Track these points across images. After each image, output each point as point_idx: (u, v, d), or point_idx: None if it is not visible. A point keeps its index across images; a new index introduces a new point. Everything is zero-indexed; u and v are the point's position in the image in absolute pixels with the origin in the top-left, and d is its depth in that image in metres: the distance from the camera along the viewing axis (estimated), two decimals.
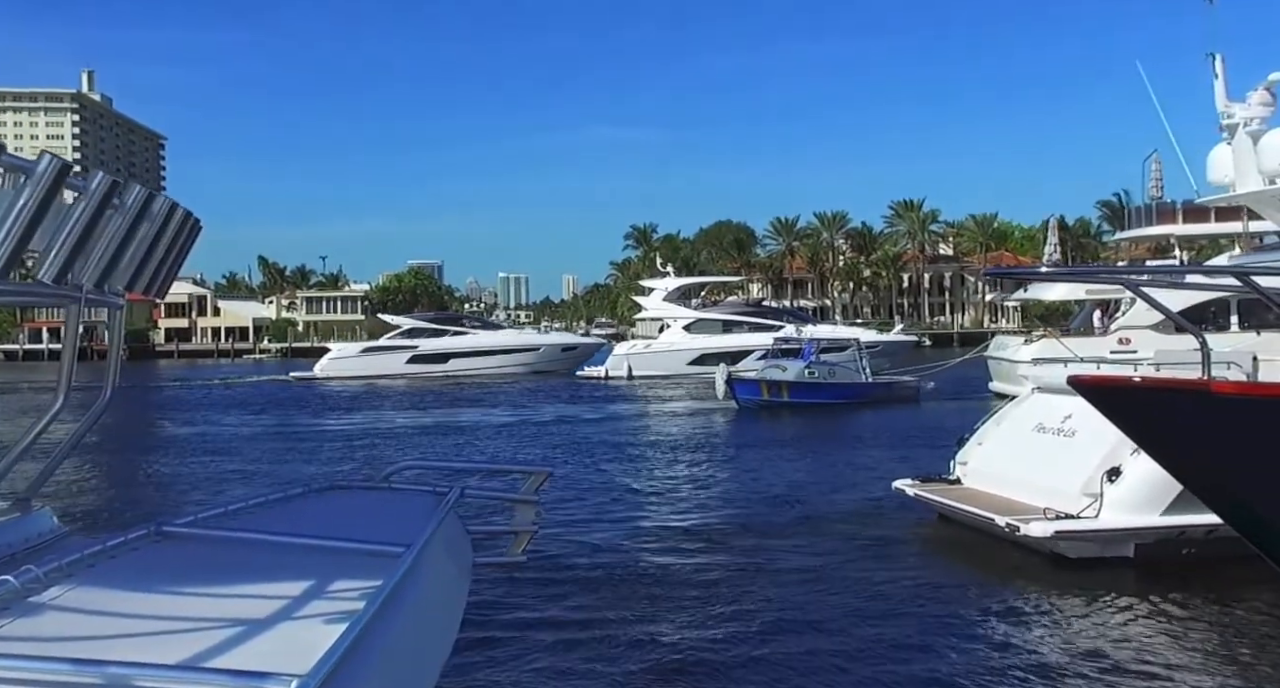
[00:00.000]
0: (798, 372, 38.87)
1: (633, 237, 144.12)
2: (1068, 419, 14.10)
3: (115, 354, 4.03)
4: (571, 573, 12.74)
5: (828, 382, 39.10)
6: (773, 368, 40.28)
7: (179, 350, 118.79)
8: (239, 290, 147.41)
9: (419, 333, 71.43)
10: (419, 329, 72.33)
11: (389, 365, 67.11)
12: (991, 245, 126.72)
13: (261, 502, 4.71)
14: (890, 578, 12.60)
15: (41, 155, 2.76)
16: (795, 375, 38.65)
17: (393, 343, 71.05)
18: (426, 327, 73.02)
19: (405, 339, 70.90)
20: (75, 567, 3.26)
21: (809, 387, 38.22)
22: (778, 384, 38.28)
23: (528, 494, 5.44)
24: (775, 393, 37.92)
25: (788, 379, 38.47)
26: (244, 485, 20.70)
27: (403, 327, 74.00)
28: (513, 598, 11.26)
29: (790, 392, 37.85)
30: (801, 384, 38.24)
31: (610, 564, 13.39)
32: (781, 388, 38.04)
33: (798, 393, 37.77)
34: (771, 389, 38.11)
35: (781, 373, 39.16)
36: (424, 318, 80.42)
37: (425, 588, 3.51)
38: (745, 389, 38.36)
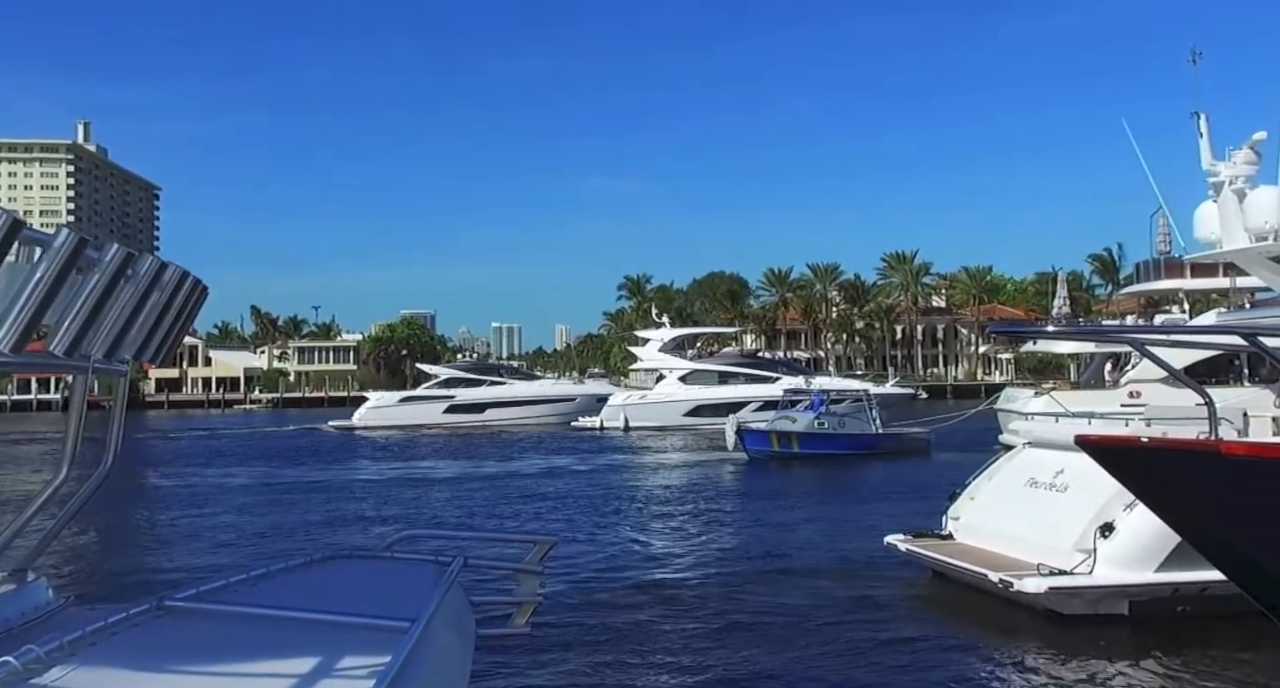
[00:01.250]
0: (808, 423, 38.81)
1: (626, 287, 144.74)
2: (1060, 474, 14.11)
3: (118, 421, 4.00)
4: (567, 634, 12.65)
5: (838, 433, 39.01)
6: (783, 419, 40.19)
7: (169, 401, 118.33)
8: (231, 340, 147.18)
9: (456, 383, 72.06)
10: (456, 379, 72.96)
11: (427, 415, 67.49)
12: (984, 298, 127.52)
13: (263, 573, 4.67)
14: (881, 636, 12.48)
15: (59, 230, 2.78)
16: (805, 426, 38.58)
17: (431, 392, 71.62)
18: (464, 377, 73.60)
19: (443, 389, 71.47)
20: (77, 645, 3.20)
21: (819, 438, 38.11)
22: (788, 435, 38.18)
23: (532, 564, 5.38)
24: (785, 444, 37.85)
25: (798, 430, 38.37)
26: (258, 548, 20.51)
27: (440, 376, 74.77)
28: (510, 663, 11.15)
29: (800, 443, 37.76)
30: (811, 435, 38.14)
31: (604, 625, 13.28)
32: (791, 439, 37.96)
33: (808, 444, 37.67)
34: (781, 440, 38.03)
35: (791, 424, 39.07)
36: (461, 367, 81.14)
37: (431, 663, 3.48)
38: (755, 440, 38.31)
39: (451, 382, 72.40)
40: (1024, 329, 56.49)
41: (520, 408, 68.30)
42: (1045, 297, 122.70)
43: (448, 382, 72.67)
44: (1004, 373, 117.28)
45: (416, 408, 69.14)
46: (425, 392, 72.32)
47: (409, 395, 73.66)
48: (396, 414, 68.26)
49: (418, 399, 71.31)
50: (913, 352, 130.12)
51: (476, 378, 73.13)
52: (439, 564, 4.92)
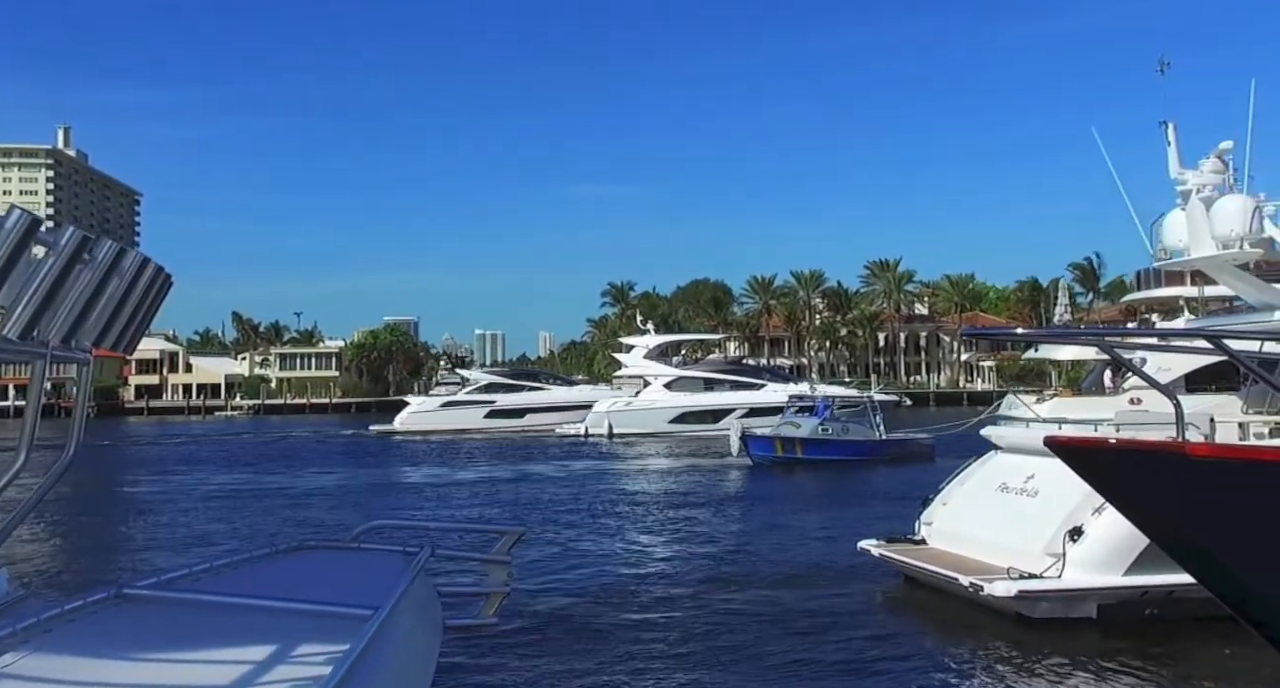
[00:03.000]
0: (812, 428, 38.98)
1: (610, 294, 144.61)
2: (1030, 479, 14.24)
3: (81, 411, 3.91)
4: (540, 632, 12.68)
5: (841, 439, 39.15)
6: (787, 425, 40.39)
7: (149, 407, 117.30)
8: (212, 347, 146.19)
9: (497, 388, 72.15)
10: (497, 384, 73.06)
11: (468, 420, 67.68)
12: (967, 306, 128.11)
13: (227, 563, 4.60)
14: (851, 640, 12.54)
15: (10, 210, 2.72)
16: (809, 432, 38.77)
17: (471, 397, 71.64)
18: (504, 382, 73.71)
19: (483, 394, 71.57)
20: (31, 632, 3.18)
21: (823, 443, 38.34)
22: (792, 441, 38.38)
23: (500, 554, 5.34)
24: (789, 450, 38.05)
25: (802, 436, 38.57)
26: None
27: (480, 382, 74.84)
28: (485, 659, 11.17)
29: (804, 448, 37.97)
30: (815, 441, 38.36)
31: (586, 625, 13.34)
32: (795, 445, 38.16)
33: (812, 449, 37.87)
34: (785, 446, 38.23)
35: (796, 430, 39.24)
36: (501, 373, 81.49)
37: (393, 652, 3.43)
38: (759, 445, 38.58)
39: (492, 387, 72.64)
40: (996, 333, 56.91)
41: (560, 413, 68.12)
42: (1026, 305, 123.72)
43: (488, 387, 72.91)
44: (985, 380, 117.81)
45: (457, 413, 69.23)
46: (466, 397, 72.37)
47: (450, 400, 73.29)
48: (438, 419, 68.61)
49: (459, 404, 71.27)
50: (896, 359, 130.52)
51: (516, 383, 73.37)
52: (406, 555, 4.87)
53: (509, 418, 67.57)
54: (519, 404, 69.60)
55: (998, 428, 16.53)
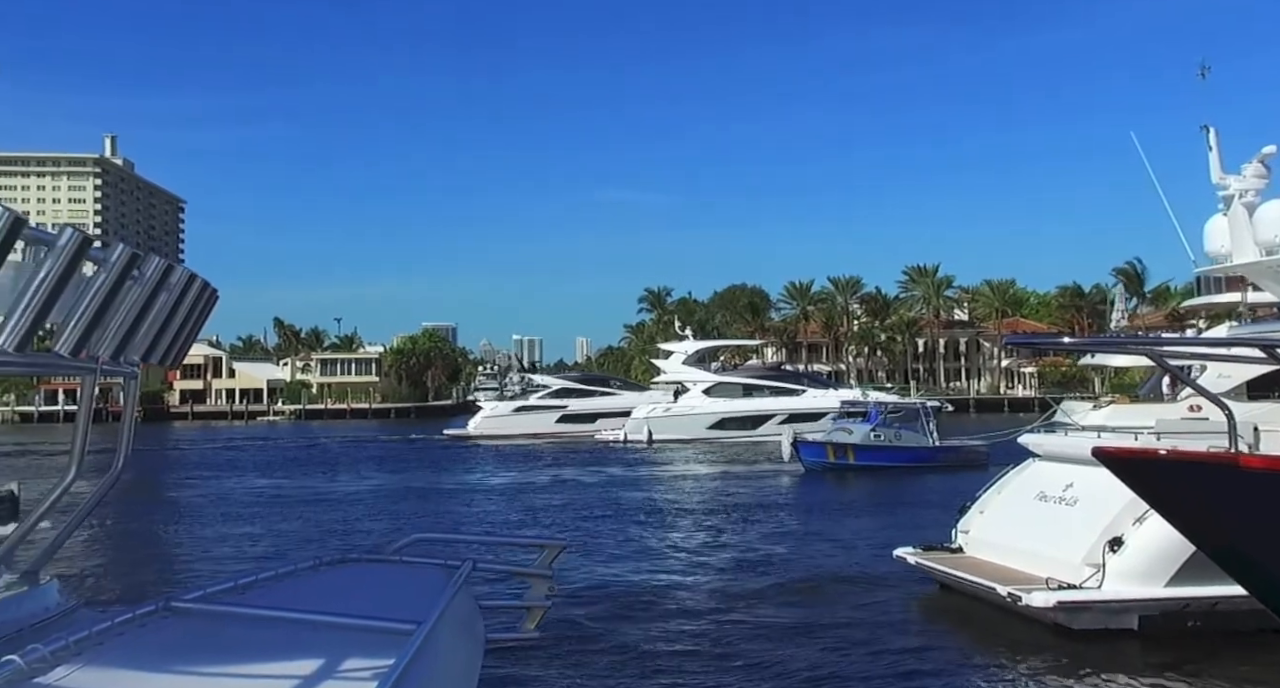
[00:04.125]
0: (864, 435, 38.83)
1: (647, 300, 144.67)
2: (1069, 488, 14.08)
3: (128, 424, 3.99)
4: (579, 643, 12.73)
5: (894, 445, 38.88)
6: (839, 430, 40.28)
7: (193, 412, 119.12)
8: (255, 352, 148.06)
9: (569, 393, 72.53)
10: (569, 389, 73.45)
11: (540, 424, 68.02)
12: (1007, 311, 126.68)
13: (272, 576, 4.63)
14: (887, 648, 12.47)
15: (63, 229, 2.74)
16: (861, 438, 38.60)
17: (543, 402, 72.17)
18: (575, 387, 74.09)
19: (555, 399, 71.99)
20: (83, 645, 3.19)
21: (875, 450, 38.15)
22: (843, 447, 38.28)
23: (541, 568, 5.31)
24: (841, 456, 37.95)
25: (853, 442, 38.43)
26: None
27: (552, 387, 75.26)
28: (525, 672, 11.19)
29: (856, 454, 37.82)
30: (867, 447, 38.18)
31: (620, 634, 13.37)
32: (847, 451, 38.04)
33: (864, 456, 37.70)
34: (837, 452, 38.14)
35: (848, 436, 39.14)
36: (572, 378, 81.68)
37: (437, 667, 3.44)
38: (810, 451, 38.52)
39: (564, 392, 72.97)
40: (1040, 340, 56.07)
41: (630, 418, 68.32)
42: (1069, 310, 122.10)
43: (560, 392, 73.24)
44: (1027, 387, 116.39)
45: (530, 417, 69.61)
46: (538, 401, 72.95)
47: (523, 405, 73.96)
48: (510, 423, 68.99)
49: (531, 409, 71.80)
50: (935, 365, 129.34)
51: (588, 388, 73.66)
52: (447, 568, 4.87)
53: (581, 423, 67.44)
54: (591, 409, 69.57)
55: (1036, 436, 16.38)
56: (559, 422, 68.57)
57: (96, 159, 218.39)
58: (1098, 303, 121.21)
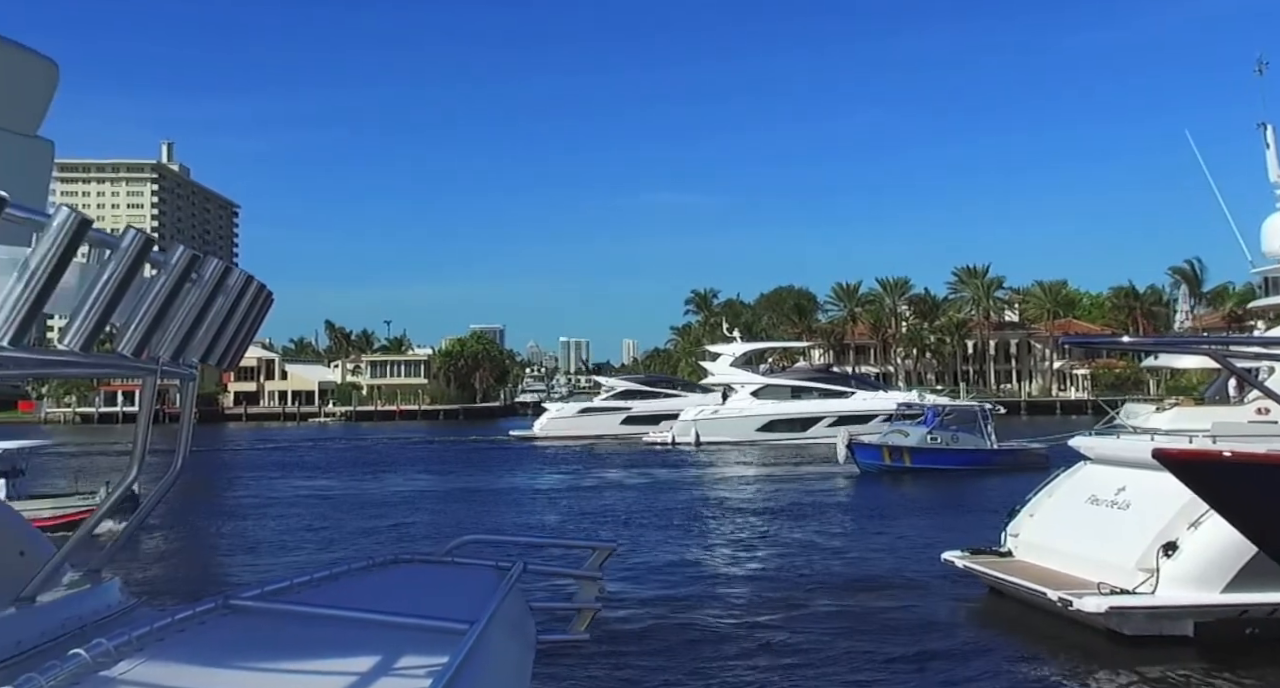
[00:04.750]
0: (920, 437, 38.67)
1: (693, 301, 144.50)
2: (1121, 491, 13.87)
3: (186, 424, 4.05)
4: (628, 643, 12.79)
5: (951, 448, 38.65)
6: (895, 433, 40.16)
7: (247, 414, 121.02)
8: (306, 354, 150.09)
9: (633, 395, 72.69)
10: (633, 391, 73.63)
11: (605, 426, 68.34)
12: (1059, 313, 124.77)
13: (327, 575, 4.69)
14: (936, 652, 12.36)
15: (126, 231, 2.78)
16: (918, 441, 38.45)
17: (608, 404, 72.52)
18: (640, 388, 74.25)
19: (620, 401, 72.27)
20: (145, 640, 3.28)
21: (932, 452, 37.97)
22: (899, 449, 38.12)
23: (591, 570, 5.34)
24: (897, 458, 37.82)
25: (909, 444, 38.29)
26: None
27: (617, 388, 75.58)
28: (575, 671, 11.28)
29: (913, 457, 37.68)
30: (924, 449, 38.01)
31: (668, 634, 13.44)
32: (903, 453, 37.90)
33: (920, 458, 37.56)
34: (893, 454, 38.00)
35: (904, 438, 38.98)
36: (637, 380, 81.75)
37: (489, 667, 3.47)
38: (866, 454, 38.37)
39: (628, 393, 73.14)
40: (1098, 340, 55.11)
41: None
42: (1122, 311, 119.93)
43: (624, 393, 73.44)
44: (1079, 389, 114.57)
45: (595, 419, 69.94)
46: (603, 403, 73.26)
47: (588, 406, 74.40)
48: (576, 425, 69.35)
49: (596, 410, 72.14)
50: (985, 367, 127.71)
51: (653, 390, 73.64)
52: (499, 569, 4.91)
53: (645, 424, 67.29)
54: (655, 411, 69.33)
55: (1087, 439, 16.15)
56: (623, 423, 68.48)
57: (154, 165, 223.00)
58: (1152, 304, 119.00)
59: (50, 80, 3.83)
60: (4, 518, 4.20)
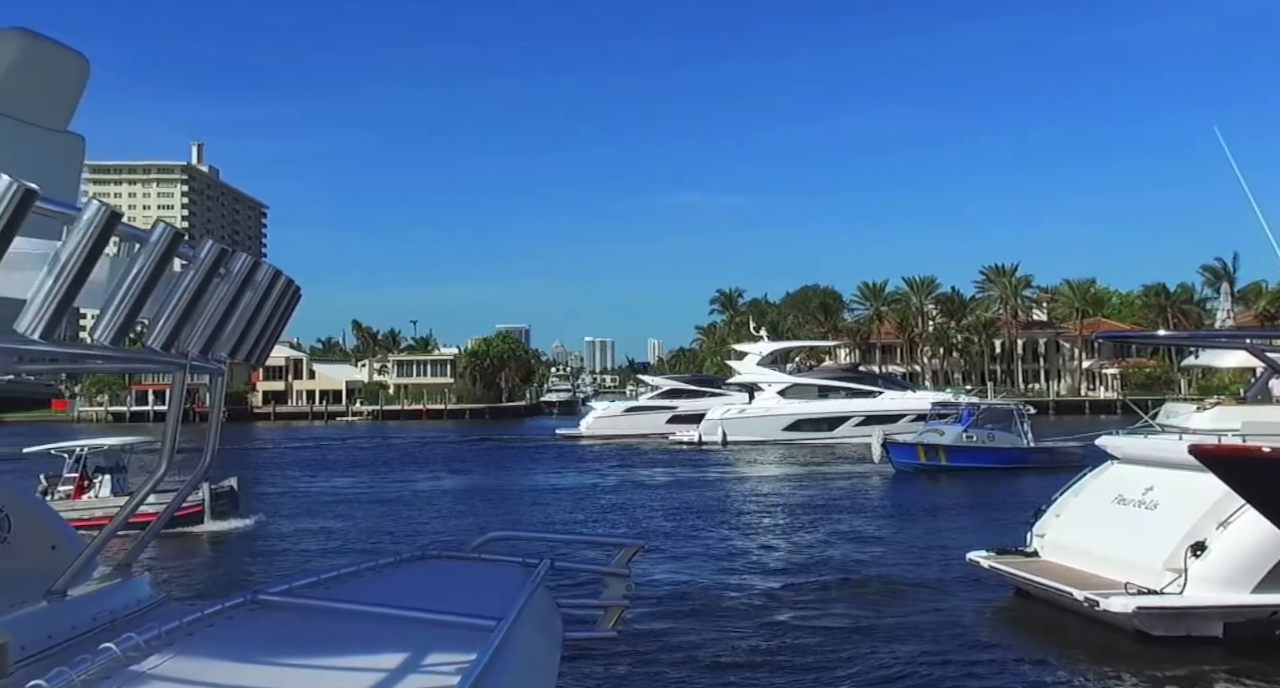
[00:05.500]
0: (955, 436, 38.57)
1: (718, 301, 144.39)
2: (1149, 491, 13.75)
3: (215, 419, 4.07)
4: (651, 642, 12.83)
5: (987, 446, 38.45)
6: (930, 432, 40.12)
7: (275, 412, 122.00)
8: (333, 354, 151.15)
9: (679, 394, 72.61)
10: (679, 390, 73.57)
11: (650, 425, 68.25)
12: (1088, 311, 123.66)
13: (354, 571, 4.71)
14: (961, 653, 12.30)
15: (155, 224, 2.79)
16: (953, 439, 38.35)
17: (654, 403, 72.54)
18: (685, 387, 74.18)
19: (665, 400, 72.25)
20: (174, 635, 3.30)
21: (967, 451, 37.83)
22: (935, 448, 38.10)
23: (619, 567, 5.30)
24: (932, 457, 37.77)
25: (945, 443, 38.21)
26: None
27: (662, 387, 75.61)
28: (599, 670, 11.32)
29: (948, 456, 37.60)
30: (959, 448, 37.91)
31: (690, 634, 13.44)
32: (939, 452, 37.86)
33: (956, 457, 37.43)
34: (928, 453, 37.97)
35: (939, 437, 38.93)
36: (683, 379, 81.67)
37: (517, 663, 3.47)
38: (901, 452, 38.39)
39: (673, 392, 73.03)
40: (1133, 335, 54.54)
41: None
42: (1153, 310, 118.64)
43: (670, 392, 73.36)
44: (1109, 388, 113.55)
45: (641, 418, 69.93)
46: (649, 402, 73.30)
47: (634, 405, 74.57)
48: (621, 424, 69.49)
49: (642, 409, 72.20)
50: (1013, 366, 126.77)
51: (699, 389, 73.51)
52: (526, 566, 4.91)
53: (690, 423, 67.03)
54: (699, 409, 68.90)
55: (1115, 438, 16.02)
56: (669, 422, 68.13)
57: (184, 166, 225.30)
58: (1183, 302, 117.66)
59: (80, 75, 3.85)
60: (36, 513, 4.25)
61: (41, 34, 3.64)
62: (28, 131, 3.60)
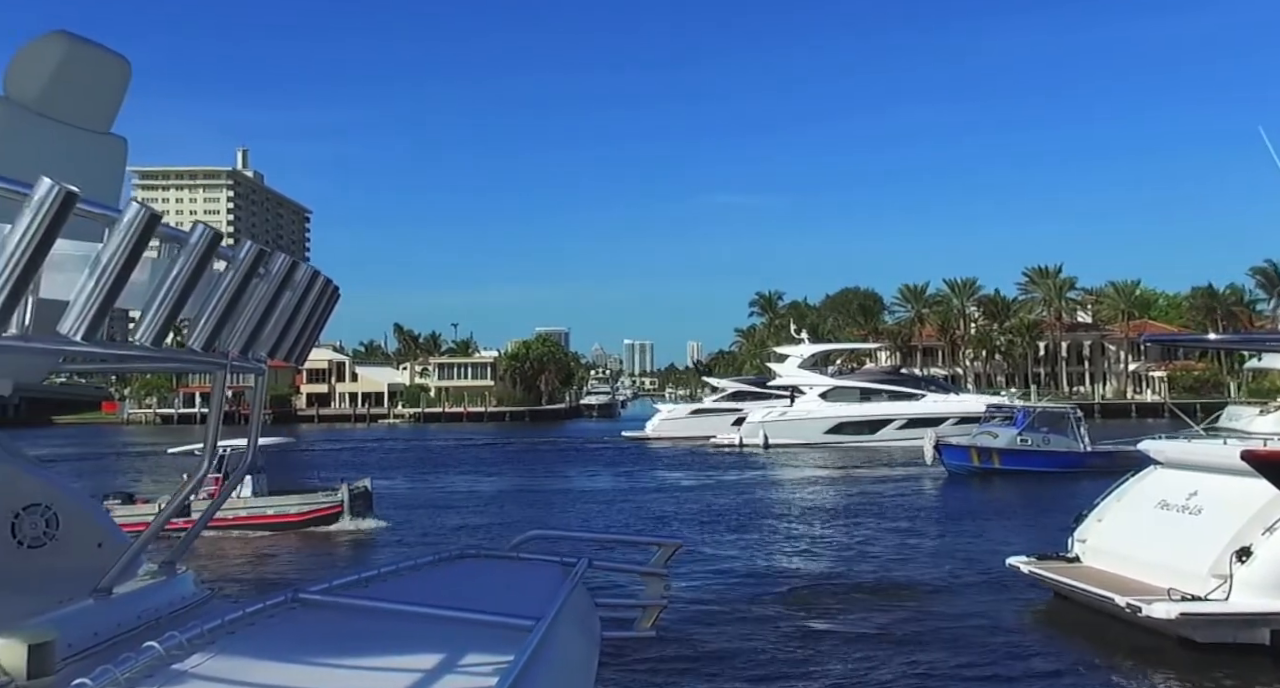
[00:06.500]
0: (1010, 439, 38.20)
1: (757, 303, 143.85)
2: (1193, 496, 13.55)
3: (256, 418, 4.16)
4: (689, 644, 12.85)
5: (1042, 450, 38.00)
6: (984, 434, 39.77)
7: (319, 415, 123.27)
8: (376, 357, 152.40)
9: (744, 396, 72.48)
10: (744, 392, 73.50)
11: (716, 427, 67.76)
12: (1134, 313, 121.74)
13: (393, 570, 4.73)
14: (1000, 659, 12.21)
15: (195, 226, 2.82)
16: (1007, 442, 37.99)
17: (719, 405, 72.57)
18: (750, 390, 74.04)
19: (731, 402, 72.19)
20: (217, 633, 3.34)
21: (1022, 454, 37.44)
22: (988, 451, 37.76)
23: (657, 567, 5.30)
24: (986, 460, 37.47)
25: (999, 446, 37.84)
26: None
27: (728, 389, 75.68)
28: (637, 670, 11.38)
29: (1002, 459, 37.25)
30: (1014, 451, 37.54)
31: (727, 636, 13.48)
32: (993, 455, 37.51)
33: (1010, 460, 37.09)
34: (982, 456, 37.67)
35: (993, 440, 38.56)
36: (748, 381, 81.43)
37: (556, 662, 3.49)
38: (954, 455, 38.11)
39: (739, 395, 72.90)
40: (1182, 339, 53.64)
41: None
42: (1200, 312, 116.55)
43: (735, 395, 73.26)
44: (1155, 391, 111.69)
45: (706, 420, 69.76)
46: (714, 405, 73.30)
47: (699, 408, 74.68)
48: (687, 426, 69.53)
49: (707, 411, 72.20)
50: (1057, 369, 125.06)
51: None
52: (564, 565, 4.91)
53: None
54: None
55: (1158, 442, 15.80)
56: (735, 425, 67.10)
57: (230, 172, 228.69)
58: (1232, 304, 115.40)
59: (122, 77, 3.90)
60: (83, 512, 4.36)
61: (83, 37, 3.69)
62: (70, 134, 3.67)
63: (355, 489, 26.47)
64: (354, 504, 25.91)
